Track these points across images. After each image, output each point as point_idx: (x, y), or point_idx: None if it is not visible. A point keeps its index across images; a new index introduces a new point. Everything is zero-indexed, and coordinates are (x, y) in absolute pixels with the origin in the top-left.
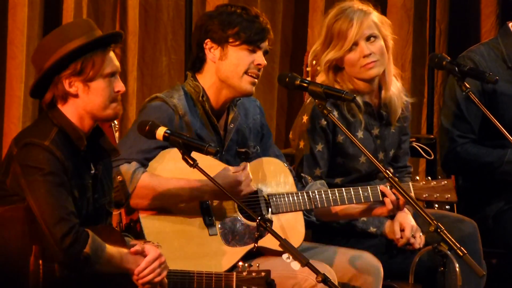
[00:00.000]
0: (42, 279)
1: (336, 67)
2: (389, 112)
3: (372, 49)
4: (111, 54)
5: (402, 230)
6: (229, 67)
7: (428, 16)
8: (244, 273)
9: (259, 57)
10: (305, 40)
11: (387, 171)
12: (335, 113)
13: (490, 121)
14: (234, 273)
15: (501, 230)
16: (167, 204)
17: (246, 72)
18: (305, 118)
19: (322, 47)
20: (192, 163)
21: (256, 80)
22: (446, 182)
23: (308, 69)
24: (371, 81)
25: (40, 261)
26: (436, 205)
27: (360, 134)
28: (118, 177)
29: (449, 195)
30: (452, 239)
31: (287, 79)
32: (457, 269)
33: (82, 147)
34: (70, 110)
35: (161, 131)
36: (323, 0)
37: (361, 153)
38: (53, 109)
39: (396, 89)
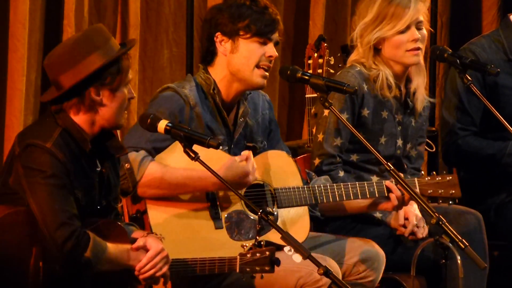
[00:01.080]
0: (43, 281)
1: (374, 48)
2: (414, 103)
3: (420, 35)
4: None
5: (406, 218)
6: (240, 60)
7: (430, 8)
8: (248, 255)
9: (270, 49)
10: (307, 33)
11: (389, 163)
12: (365, 86)
13: (491, 113)
14: (238, 256)
15: (503, 222)
16: (174, 193)
17: (257, 65)
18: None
19: (371, 25)
20: (193, 156)
21: (267, 73)
22: (450, 177)
23: (310, 61)
24: (406, 68)
25: (41, 263)
26: (440, 201)
27: (384, 114)
28: (126, 164)
29: (453, 191)
30: (454, 231)
31: (288, 72)
32: (459, 261)
33: (87, 148)
34: (82, 117)
35: (162, 124)
36: None
37: (382, 133)
38: (59, 112)
39: (423, 82)
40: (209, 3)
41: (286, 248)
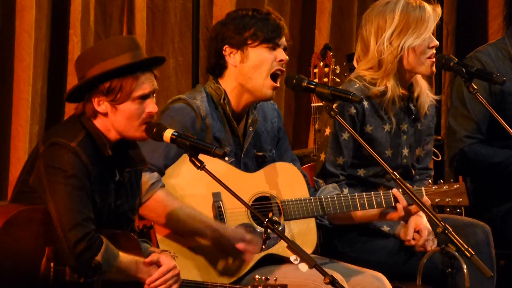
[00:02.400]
0: (52, 282)
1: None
2: (417, 107)
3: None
4: (147, 76)
5: (416, 231)
6: (252, 68)
7: None
8: (260, 287)
9: (280, 53)
10: (313, 42)
11: (395, 172)
12: (365, 102)
13: (498, 121)
14: (249, 287)
15: (509, 231)
16: (172, 226)
17: (270, 73)
18: (334, 105)
19: (398, 35)
20: (199, 165)
21: (277, 84)
22: (458, 186)
23: (316, 70)
24: (414, 75)
25: (52, 264)
26: (448, 209)
27: (387, 127)
28: None
29: (461, 199)
30: (460, 240)
31: (294, 81)
32: (465, 270)
33: (106, 154)
34: (100, 123)
35: (168, 133)
36: (330, 2)
37: (387, 147)
38: (83, 115)
39: (424, 85)
40: (215, 12)
41: (292, 257)
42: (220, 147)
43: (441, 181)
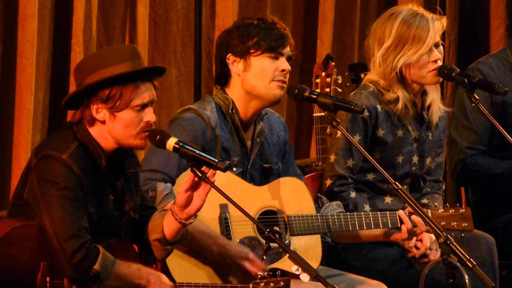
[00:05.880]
0: None
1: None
2: (429, 116)
3: (440, 54)
4: (147, 85)
5: (419, 240)
6: (254, 77)
7: None
8: (262, 284)
9: (283, 63)
10: (315, 52)
11: (397, 182)
12: (379, 106)
13: (500, 132)
14: (251, 284)
15: (511, 241)
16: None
17: (272, 80)
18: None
19: (393, 51)
20: (200, 175)
21: (284, 85)
22: (463, 210)
23: (318, 80)
24: (424, 85)
25: (48, 278)
26: (452, 233)
27: (400, 133)
28: (151, 192)
29: (466, 224)
30: (462, 251)
31: (296, 91)
32: (467, 281)
33: (102, 164)
34: (96, 131)
35: (171, 142)
36: (332, 12)
37: (399, 153)
38: (78, 124)
39: (438, 94)
40: (217, 22)
41: (294, 267)
42: (223, 161)
43: (447, 204)
